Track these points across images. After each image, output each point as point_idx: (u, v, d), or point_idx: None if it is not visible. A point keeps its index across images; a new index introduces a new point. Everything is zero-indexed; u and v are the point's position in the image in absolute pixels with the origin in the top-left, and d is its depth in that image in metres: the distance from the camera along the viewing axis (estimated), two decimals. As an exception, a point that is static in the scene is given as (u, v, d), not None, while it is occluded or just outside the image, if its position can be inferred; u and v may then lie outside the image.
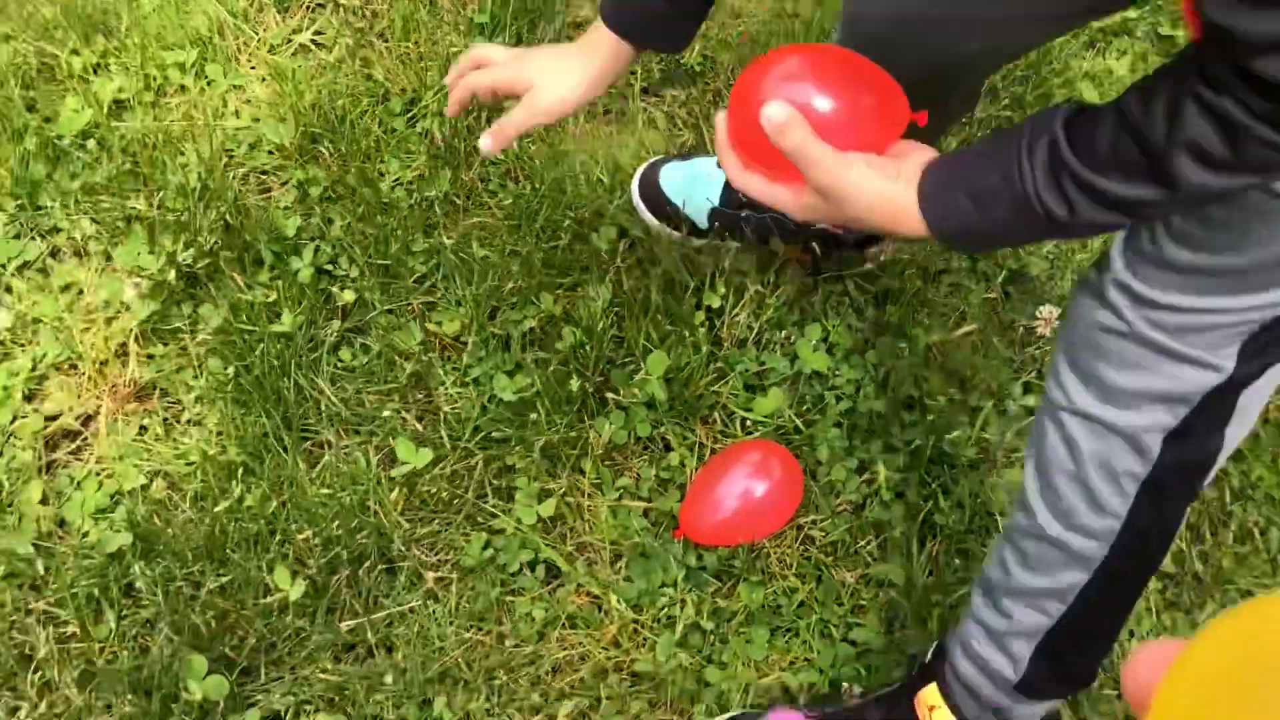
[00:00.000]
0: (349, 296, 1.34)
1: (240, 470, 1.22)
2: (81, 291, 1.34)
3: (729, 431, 1.30)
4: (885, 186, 0.76)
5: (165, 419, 1.28)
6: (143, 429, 1.27)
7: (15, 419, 1.26)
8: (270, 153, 1.44)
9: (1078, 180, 0.68)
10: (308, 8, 1.60)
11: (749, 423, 1.30)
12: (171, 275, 1.31)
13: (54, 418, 1.27)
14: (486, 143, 1.03)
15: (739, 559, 1.22)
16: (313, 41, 1.57)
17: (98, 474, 1.24)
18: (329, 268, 1.37)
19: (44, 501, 1.22)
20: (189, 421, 1.28)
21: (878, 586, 1.24)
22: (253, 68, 1.54)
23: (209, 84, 1.49)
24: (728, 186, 1.39)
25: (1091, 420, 0.87)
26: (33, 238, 1.37)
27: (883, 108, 0.81)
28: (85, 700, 1.11)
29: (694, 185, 1.40)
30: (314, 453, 1.26)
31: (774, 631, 1.20)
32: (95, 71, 1.48)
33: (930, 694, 1.06)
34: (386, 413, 1.28)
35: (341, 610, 1.18)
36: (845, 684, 1.15)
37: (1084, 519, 0.90)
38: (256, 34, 1.56)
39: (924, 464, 1.28)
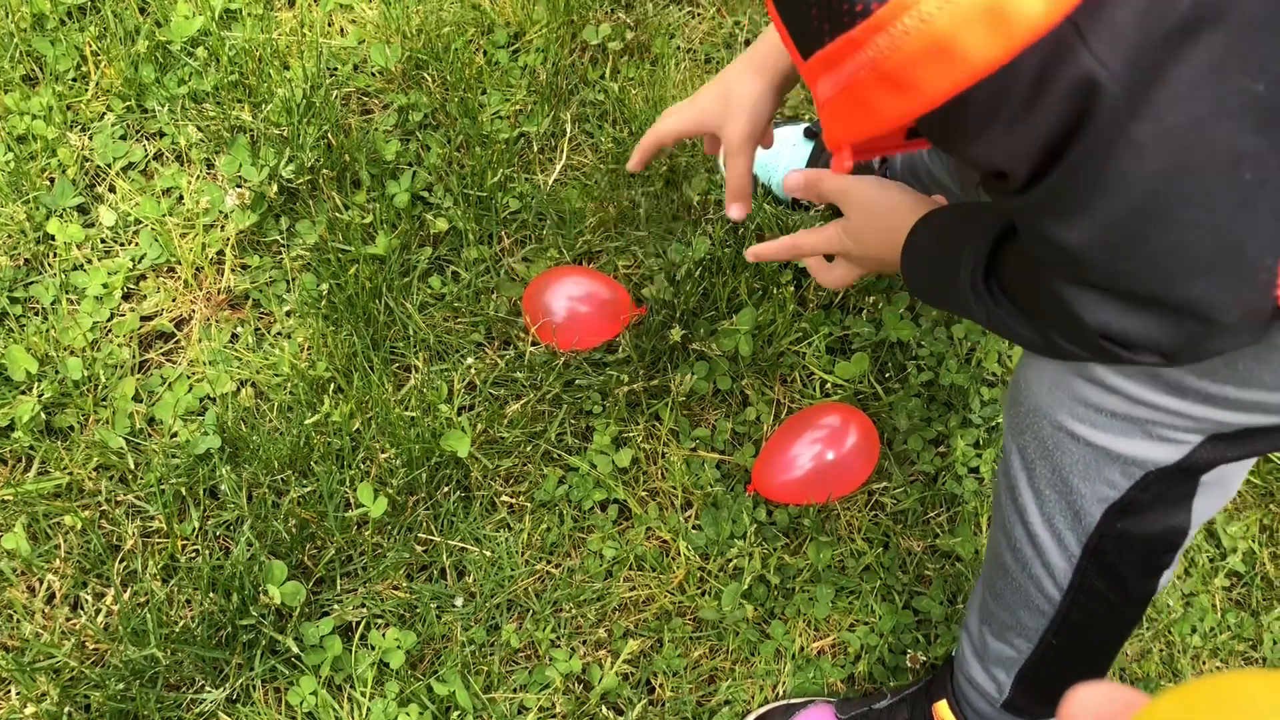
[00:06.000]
0: (442, 225, 1.35)
1: (330, 386, 1.24)
2: (182, 197, 1.36)
3: (807, 392, 1.31)
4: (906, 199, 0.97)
5: (257, 329, 1.30)
6: (234, 337, 1.30)
7: (113, 316, 1.29)
8: (374, 75, 1.45)
9: (991, 312, 0.78)
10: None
11: (828, 385, 1.31)
12: (273, 189, 1.33)
13: (149, 318, 1.30)
14: (735, 211, 1.08)
15: (808, 518, 1.23)
16: (420, -34, 1.56)
17: (189, 377, 1.27)
18: (424, 194, 1.38)
19: (136, 399, 1.25)
20: (279, 334, 1.30)
21: (944, 558, 1.25)
22: (360, -12, 1.54)
23: (317, 0, 1.50)
24: (810, 159, 1.38)
25: (1036, 470, 0.85)
26: (138, 140, 1.39)
27: (618, 304, 1.27)
28: (167, 593, 1.15)
29: (778, 157, 1.39)
30: (400, 375, 1.28)
31: (838, 592, 1.22)
32: (207, -21, 1.49)
33: (943, 709, 1.06)
34: (471, 340, 1.29)
35: (417, 531, 1.21)
36: (910, 653, 1.16)
37: (1035, 569, 0.89)
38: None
39: (1001, 442, 1.27)
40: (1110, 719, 0.30)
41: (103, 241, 1.33)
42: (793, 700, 1.15)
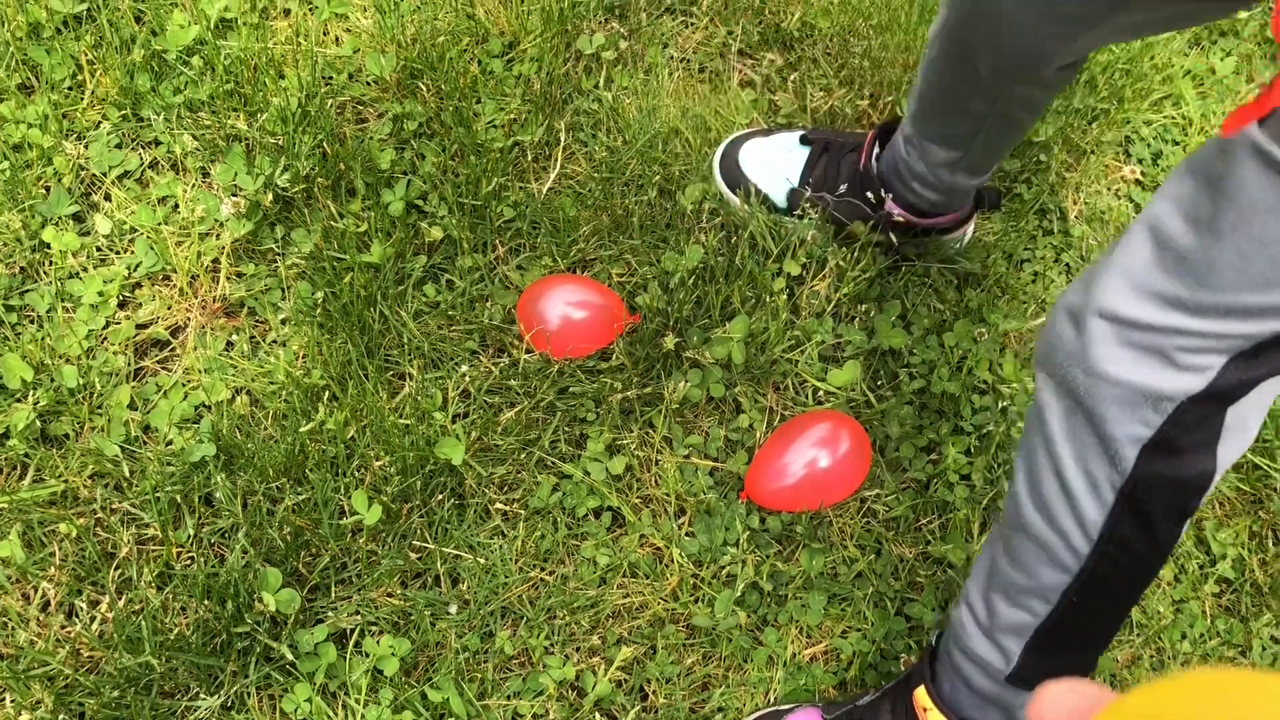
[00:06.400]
0: (437, 233, 1.35)
1: (325, 394, 1.25)
2: (177, 206, 1.37)
3: (800, 400, 1.32)
4: None
5: (252, 337, 1.31)
6: (229, 345, 1.30)
7: (108, 324, 1.29)
8: (369, 84, 1.46)
9: None
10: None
11: (821, 393, 1.32)
12: (268, 198, 1.33)
13: (145, 326, 1.30)
14: None
15: (801, 525, 1.24)
16: (415, -24, 1.57)
17: (184, 384, 1.27)
18: (419, 203, 1.38)
19: (132, 406, 1.25)
20: (274, 342, 1.30)
21: (935, 565, 1.25)
22: (355, -3, 1.55)
23: (313, 9, 1.51)
24: (807, 166, 1.39)
25: (1072, 418, 0.86)
26: (134, 148, 1.40)
27: (612, 312, 1.29)
28: (162, 600, 1.15)
29: (774, 164, 1.40)
30: (394, 383, 1.29)
31: (830, 598, 1.22)
32: (203, -12, 1.50)
33: (921, 695, 1.05)
34: (466, 348, 1.30)
35: (411, 538, 1.21)
36: (902, 658, 1.17)
37: (1064, 521, 0.89)
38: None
39: (992, 449, 1.28)
40: (1079, 714, 0.31)
41: (98, 250, 1.33)
42: (781, 707, 1.15)
